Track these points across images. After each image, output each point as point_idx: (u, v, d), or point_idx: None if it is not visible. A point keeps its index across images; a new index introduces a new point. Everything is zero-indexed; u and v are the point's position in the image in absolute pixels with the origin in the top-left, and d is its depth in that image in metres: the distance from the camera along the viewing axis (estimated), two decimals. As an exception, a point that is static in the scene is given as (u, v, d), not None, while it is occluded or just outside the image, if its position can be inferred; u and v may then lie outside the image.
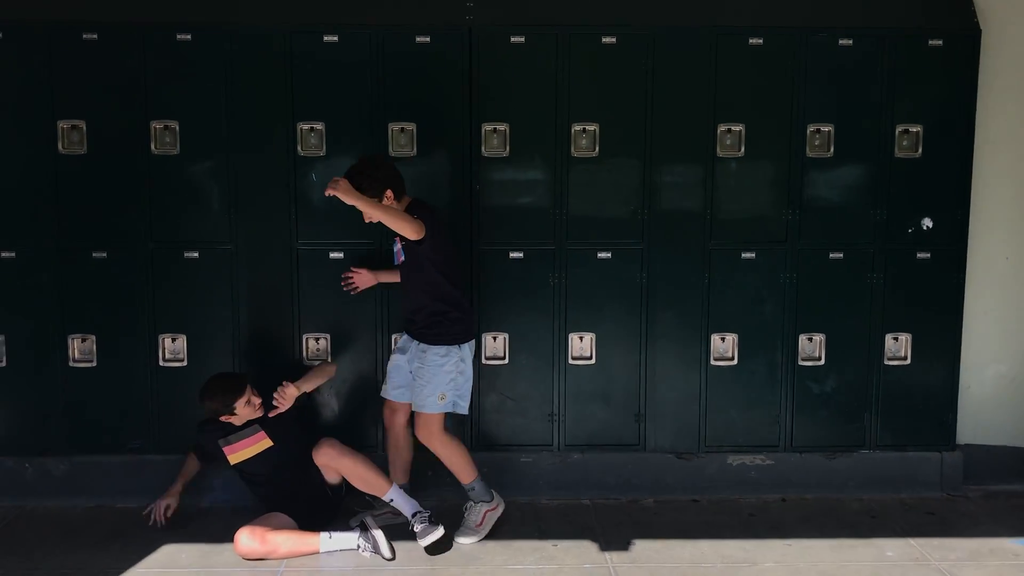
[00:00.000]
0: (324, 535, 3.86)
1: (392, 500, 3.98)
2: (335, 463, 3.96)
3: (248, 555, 3.77)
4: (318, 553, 3.84)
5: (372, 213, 3.73)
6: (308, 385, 4.10)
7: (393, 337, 4.33)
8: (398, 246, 3.99)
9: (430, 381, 3.91)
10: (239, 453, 4.02)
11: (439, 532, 3.88)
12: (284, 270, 4.33)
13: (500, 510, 4.11)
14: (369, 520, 3.92)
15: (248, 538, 3.76)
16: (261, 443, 4.02)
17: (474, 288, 4.35)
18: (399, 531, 3.96)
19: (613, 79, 4.32)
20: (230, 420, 3.98)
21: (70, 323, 4.31)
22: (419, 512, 3.93)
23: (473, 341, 4.04)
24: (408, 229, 3.75)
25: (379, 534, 3.84)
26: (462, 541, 3.97)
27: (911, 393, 4.53)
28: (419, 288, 3.95)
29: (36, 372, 4.34)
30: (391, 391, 4.12)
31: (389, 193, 3.84)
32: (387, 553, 3.81)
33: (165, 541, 3.93)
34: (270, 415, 4.02)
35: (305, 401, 4.17)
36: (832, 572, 3.75)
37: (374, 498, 4.09)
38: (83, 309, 4.31)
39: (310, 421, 4.33)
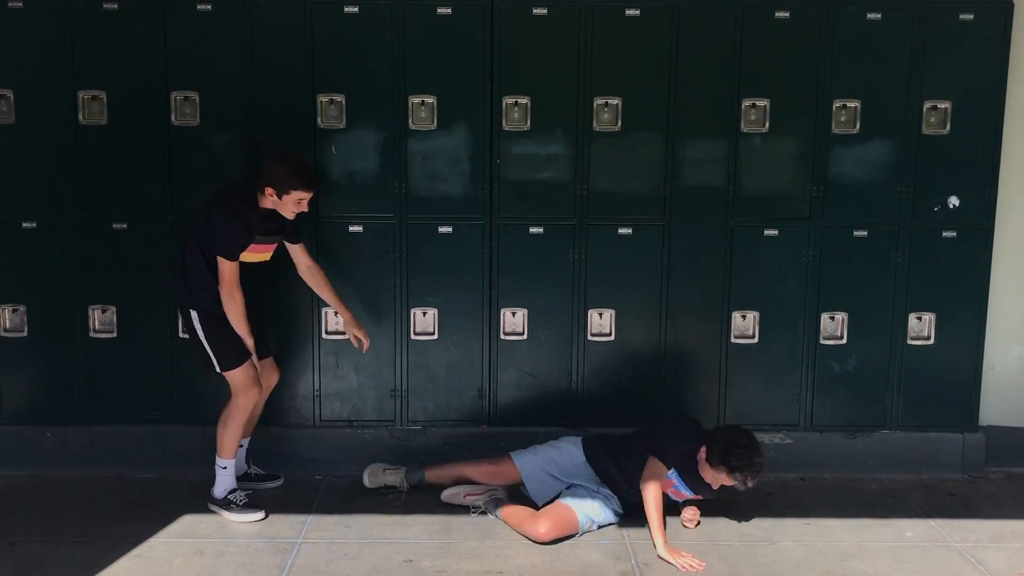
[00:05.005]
0: None
1: (225, 468, 3.95)
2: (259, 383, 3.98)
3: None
4: None
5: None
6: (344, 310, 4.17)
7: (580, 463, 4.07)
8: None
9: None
10: (250, 255, 3.89)
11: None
12: (305, 243, 4.32)
13: None
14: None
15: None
16: (265, 255, 3.97)
17: (493, 263, 4.34)
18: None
19: (636, 52, 4.26)
20: (265, 204, 3.83)
21: (91, 294, 4.33)
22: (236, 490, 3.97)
23: None
24: None
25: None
26: None
27: (934, 373, 4.48)
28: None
29: (57, 342, 4.36)
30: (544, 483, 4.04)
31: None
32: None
33: (185, 511, 3.96)
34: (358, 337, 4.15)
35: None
36: (851, 552, 3.73)
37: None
38: (103, 280, 4.32)
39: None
